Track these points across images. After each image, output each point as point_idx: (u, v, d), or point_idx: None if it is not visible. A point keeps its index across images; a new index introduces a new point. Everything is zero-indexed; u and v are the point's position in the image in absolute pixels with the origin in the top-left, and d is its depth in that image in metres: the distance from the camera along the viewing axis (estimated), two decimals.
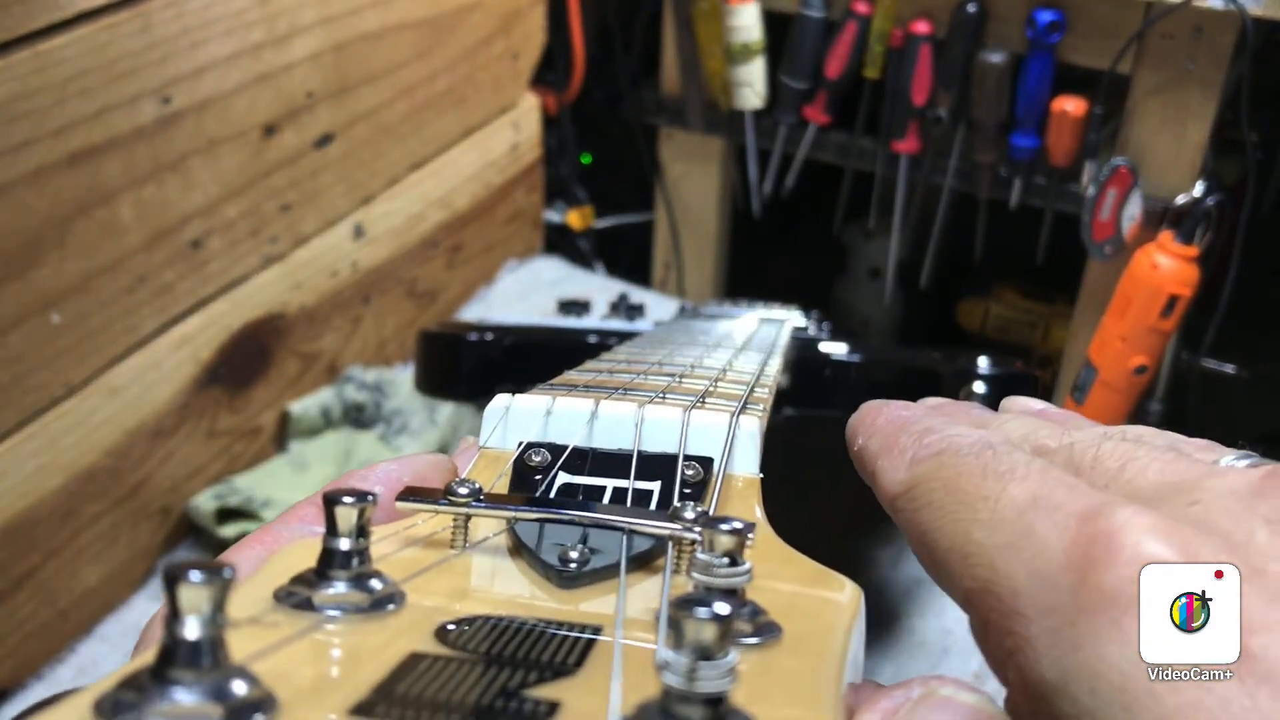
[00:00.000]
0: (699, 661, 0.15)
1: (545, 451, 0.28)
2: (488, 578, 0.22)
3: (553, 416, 0.29)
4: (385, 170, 0.88)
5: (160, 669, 0.15)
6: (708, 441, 0.28)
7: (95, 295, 0.65)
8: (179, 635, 0.15)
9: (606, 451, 0.28)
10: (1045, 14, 0.85)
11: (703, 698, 0.15)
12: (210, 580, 0.15)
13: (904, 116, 0.94)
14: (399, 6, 0.83)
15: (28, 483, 0.64)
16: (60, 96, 0.59)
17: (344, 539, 0.19)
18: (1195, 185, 0.86)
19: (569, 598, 0.21)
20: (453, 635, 0.19)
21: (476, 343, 0.61)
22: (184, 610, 0.15)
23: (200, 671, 0.15)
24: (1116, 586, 0.17)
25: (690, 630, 0.15)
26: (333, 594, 0.19)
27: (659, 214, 1.15)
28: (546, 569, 0.22)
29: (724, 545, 0.19)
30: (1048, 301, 1.13)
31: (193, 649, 0.15)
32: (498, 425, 0.29)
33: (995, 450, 0.22)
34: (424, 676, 0.17)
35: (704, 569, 0.19)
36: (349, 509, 0.19)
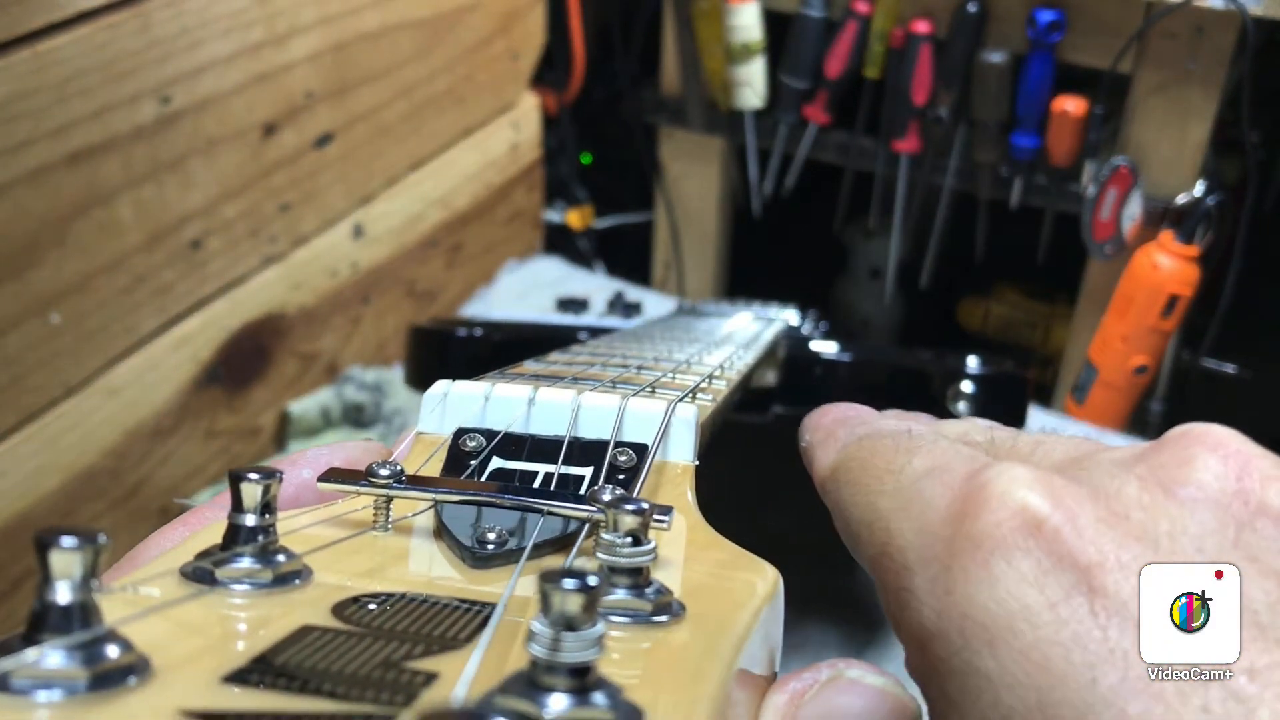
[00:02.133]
0: (563, 631, 0.15)
1: (480, 437, 0.28)
2: (401, 558, 0.22)
3: (490, 403, 0.28)
4: (385, 170, 0.88)
5: (30, 633, 0.15)
6: (643, 428, 0.27)
7: (94, 295, 0.65)
8: (49, 599, 0.15)
9: (542, 438, 0.28)
10: (1046, 13, 0.84)
11: (567, 667, 0.15)
12: (81, 545, 0.15)
13: (904, 116, 0.94)
14: (398, 6, 0.83)
15: (27, 483, 0.64)
16: (59, 96, 0.59)
17: (249, 515, 0.20)
18: (1196, 185, 0.86)
19: (478, 578, 0.22)
20: (350, 611, 0.19)
21: (465, 338, 0.61)
22: (55, 575, 0.15)
23: (69, 635, 0.15)
24: (984, 531, 0.18)
25: (556, 600, 0.15)
26: (235, 568, 0.19)
27: (659, 214, 1.15)
28: (461, 550, 0.22)
29: (627, 525, 0.19)
30: (1048, 301, 1.13)
31: (63, 613, 0.15)
32: (435, 411, 0.29)
33: (911, 432, 0.23)
34: (309, 648, 0.17)
35: (607, 549, 0.19)
36: (254, 485, 0.20)
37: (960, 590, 0.18)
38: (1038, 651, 0.17)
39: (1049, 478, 0.19)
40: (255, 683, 0.16)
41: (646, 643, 0.18)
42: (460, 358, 0.61)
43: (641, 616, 0.19)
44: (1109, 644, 0.17)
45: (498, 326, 0.63)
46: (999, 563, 0.18)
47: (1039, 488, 0.19)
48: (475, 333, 0.61)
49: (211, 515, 0.24)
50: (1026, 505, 0.18)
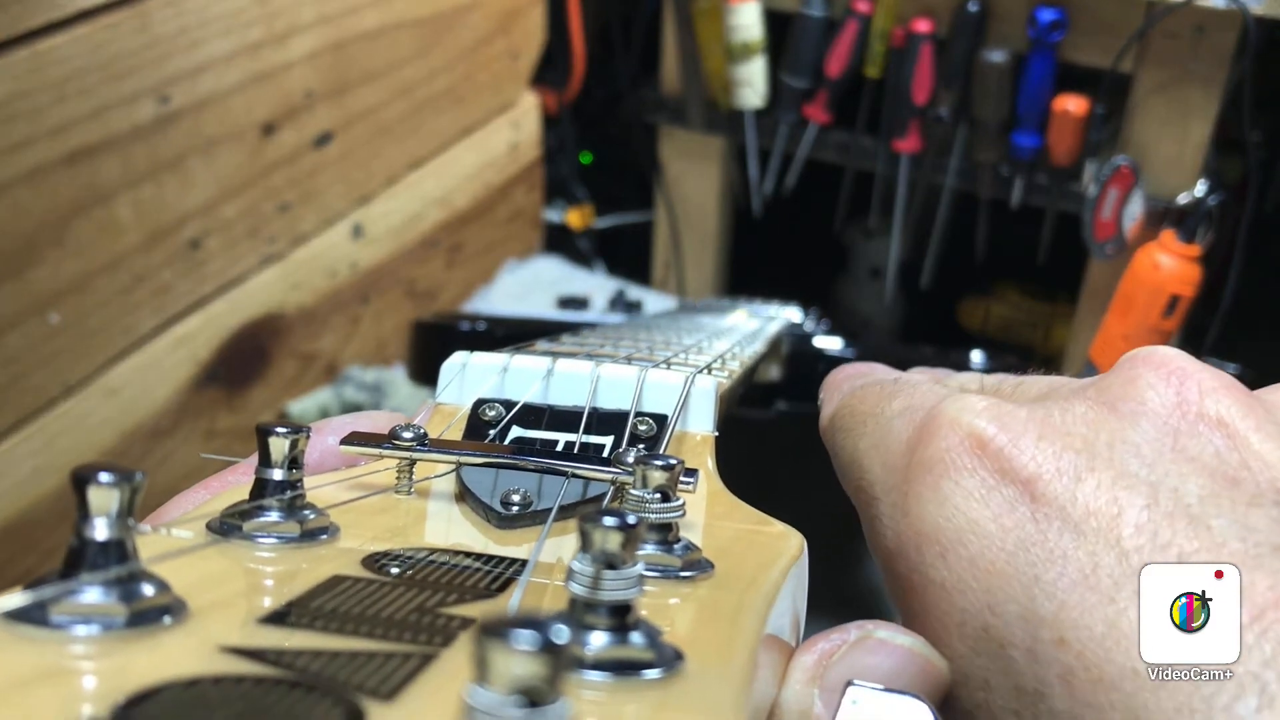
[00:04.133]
0: (604, 569, 0.15)
1: (499, 406, 0.28)
2: (425, 519, 0.23)
3: (509, 374, 0.29)
4: (384, 170, 0.88)
5: (67, 569, 0.15)
6: (663, 399, 0.28)
7: (93, 295, 0.65)
8: (86, 535, 0.15)
9: (562, 408, 0.28)
10: (1047, 13, 0.84)
11: (608, 605, 0.15)
12: (119, 482, 0.15)
13: (905, 115, 0.94)
14: (398, 6, 0.83)
15: (26, 484, 0.64)
16: (58, 95, 0.59)
17: (276, 469, 0.20)
18: (1197, 184, 0.86)
19: (503, 538, 0.22)
20: (380, 563, 0.19)
21: (469, 332, 0.61)
22: (92, 511, 0.15)
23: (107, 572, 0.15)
24: (934, 456, 0.20)
25: (596, 538, 0.15)
26: (262, 521, 0.19)
27: (659, 213, 1.15)
28: (486, 511, 0.22)
29: (656, 480, 0.19)
30: (1049, 301, 1.13)
31: (100, 549, 0.15)
32: (453, 381, 0.29)
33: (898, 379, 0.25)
34: (342, 595, 0.17)
35: (636, 504, 0.19)
36: (281, 439, 0.20)
37: (915, 511, 0.20)
38: (984, 558, 0.19)
39: (998, 405, 0.20)
40: (292, 623, 0.16)
41: (676, 598, 0.18)
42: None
43: (671, 571, 0.19)
44: (1048, 545, 0.18)
45: (501, 321, 0.63)
46: (947, 483, 0.20)
47: (986, 414, 0.20)
48: (479, 327, 0.61)
49: (234, 479, 0.24)
50: (973, 429, 0.20)
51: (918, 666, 0.18)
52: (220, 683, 0.13)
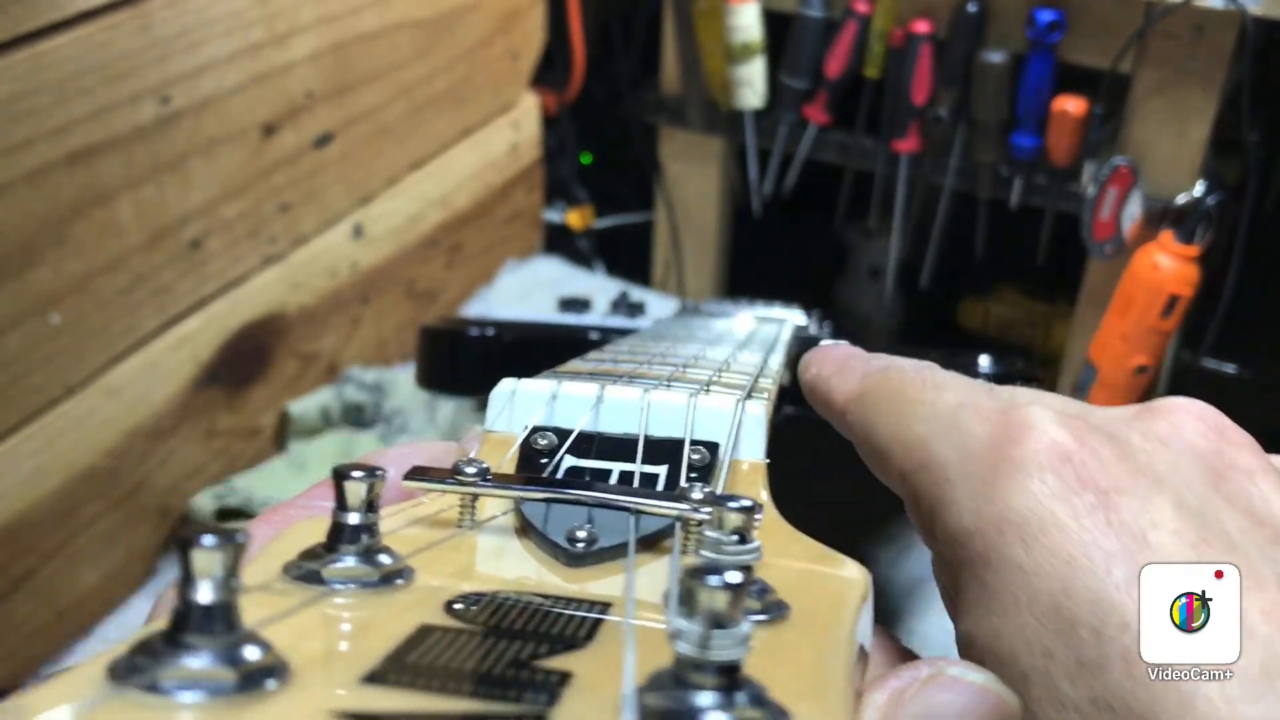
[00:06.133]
0: (713, 629, 0.14)
1: (551, 435, 0.27)
2: (495, 556, 0.22)
3: (558, 401, 0.28)
4: (385, 170, 0.88)
5: (173, 633, 0.15)
6: (713, 427, 0.27)
7: (94, 295, 0.65)
8: (192, 599, 0.15)
9: (612, 436, 0.28)
10: (1046, 13, 0.84)
11: (717, 666, 0.14)
12: (223, 544, 0.15)
13: (904, 116, 0.94)
14: (398, 6, 0.83)
15: (26, 484, 0.64)
16: (59, 96, 0.59)
17: (353, 513, 0.19)
18: (1196, 185, 0.86)
19: (576, 576, 0.21)
20: (461, 610, 0.19)
21: (478, 338, 0.61)
22: (197, 574, 0.15)
23: (213, 636, 0.15)
24: (1025, 456, 0.23)
25: (703, 598, 0.15)
26: (341, 568, 0.19)
27: (659, 214, 1.15)
28: (554, 548, 0.22)
29: (733, 522, 0.19)
30: (1048, 301, 1.13)
31: (205, 613, 0.15)
32: (503, 410, 0.28)
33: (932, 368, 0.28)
34: (434, 647, 0.17)
35: (713, 546, 0.19)
36: (358, 483, 0.19)
37: (1001, 500, 0.23)
38: (1063, 550, 0.22)
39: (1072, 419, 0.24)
40: (394, 682, 0.15)
41: (764, 644, 0.18)
42: (472, 357, 0.61)
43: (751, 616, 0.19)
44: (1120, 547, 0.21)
45: (509, 326, 0.63)
46: (1035, 481, 0.23)
47: (1067, 426, 0.24)
48: (487, 332, 0.61)
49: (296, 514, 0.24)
50: (1057, 439, 0.23)
51: (991, 703, 0.18)
52: None
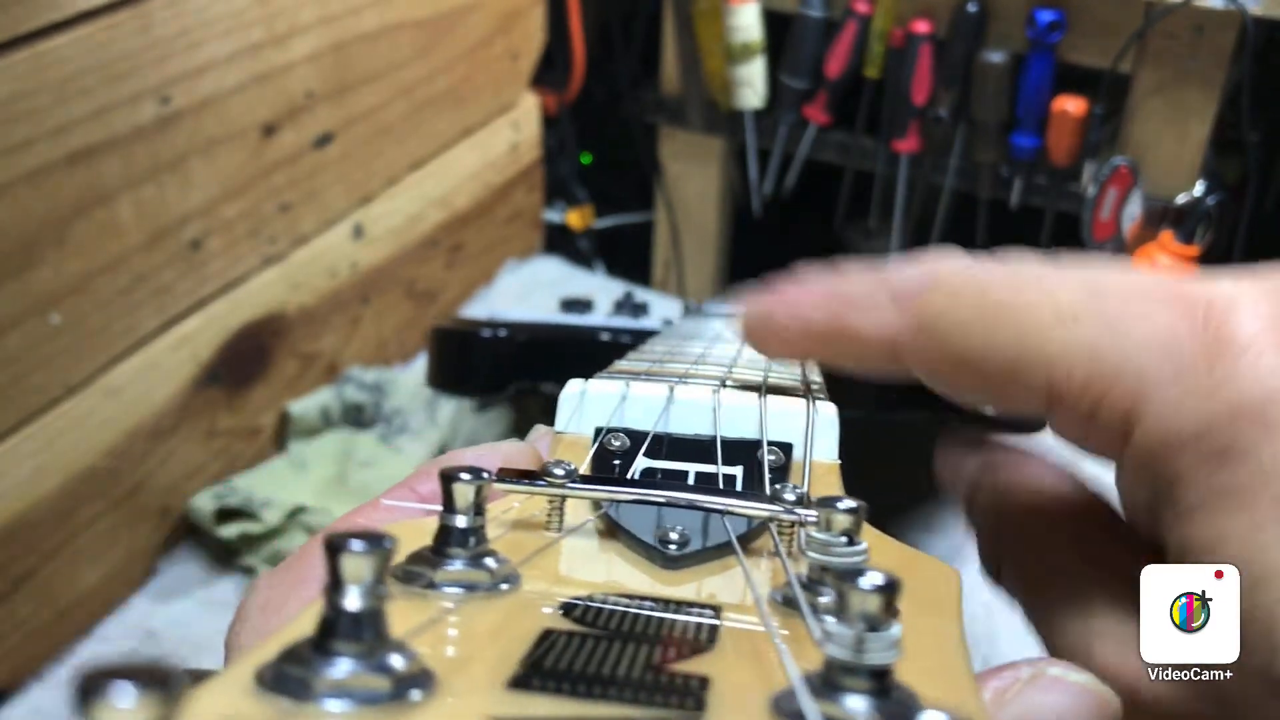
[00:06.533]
0: (867, 633, 0.14)
1: (624, 436, 0.27)
2: (589, 559, 0.22)
3: (628, 402, 0.28)
4: (385, 170, 0.88)
5: (322, 640, 0.14)
6: (786, 427, 0.27)
7: (94, 295, 0.65)
8: (341, 606, 0.14)
9: (684, 437, 0.27)
10: (1046, 13, 0.84)
11: (870, 669, 0.14)
12: (372, 550, 0.14)
13: (904, 116, 0.94)
14: (398, 6, 0.83)
15: (26, 484, 0.64)
16: (59, 96, 0.59)
17: (461, 516, 0.19)
18: (1196, 185, 0.86)
19: (674, 579, 0.21)
20: (578, 613, 0.18)
21: (491, 339, 0.61)
22: (346, 580, 0.14)
23: (362, 643, 0.14)
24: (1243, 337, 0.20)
25: (856, 601, 0.14)
26: (452, 571, 0.19)
27: (659, 214, 1.15)
28: (648, 550, 0.22)
29: (841, 524, 0.19)
30: None
31: (354, 620, 0.14)
32: (572, 410, 0.28)
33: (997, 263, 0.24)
34: (565, 652, 0.17)
35: (821, 548, 0.19)
36: (466, 485, 0.19)
37: (1230, 388, 0.20)
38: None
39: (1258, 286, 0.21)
40: (538, 688, 0.15)
41: None
42: (485, 358, 0.61)
43: None
44: None
45: (521, 327, 0.63)
46: (1267, 359, 0.20)
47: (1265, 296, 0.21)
48: (500, 333, 0.61)
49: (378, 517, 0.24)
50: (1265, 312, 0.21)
51: (1093, 703, 0.18)
52: None
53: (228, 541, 0.73)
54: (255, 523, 0.73)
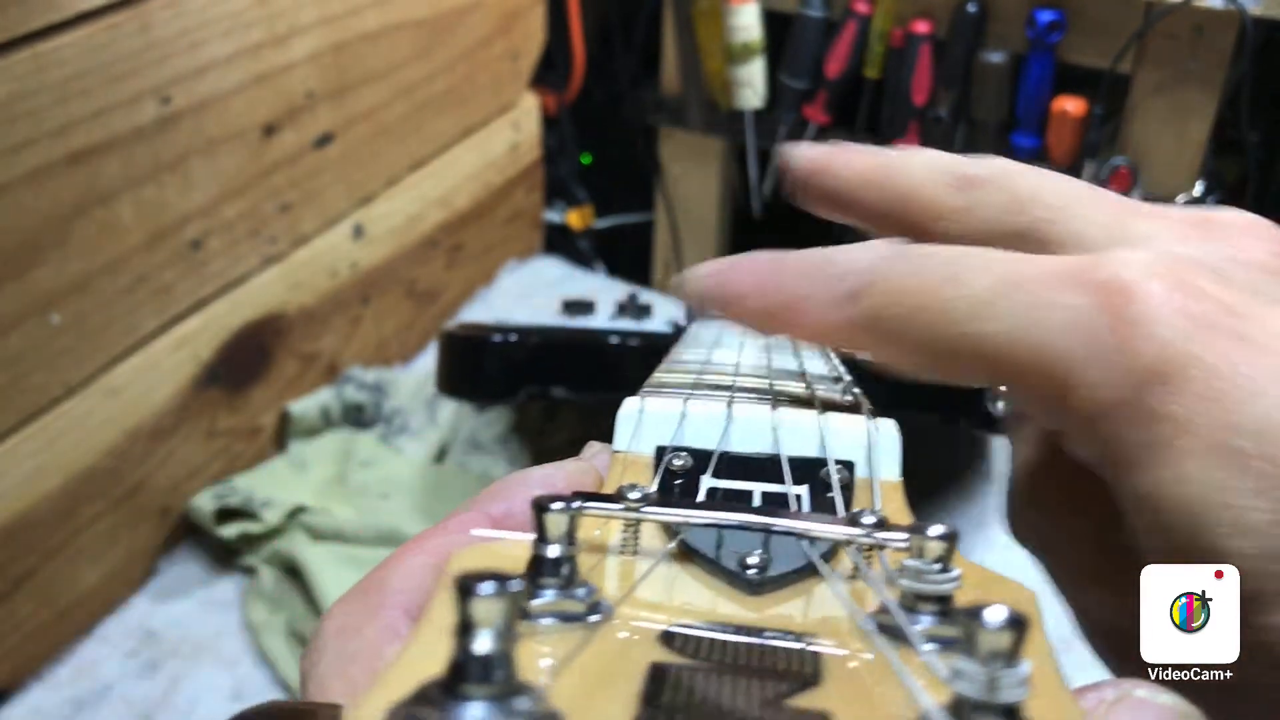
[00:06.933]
0: (1000, 671, 0.14)
1: (686, 455, 0.27)
2: (669, 585, 0.22)
3: (687, 420, 0.28)
4: (385, 170, 0.88)
5: (453, 683, 0.14)
6: (847, 444, 0.27)
7: (95, 295, 0.65)
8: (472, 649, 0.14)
9: (745, 455, 0.27)
10: (1045, 14, 0.84)
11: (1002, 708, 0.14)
12: (503, 592, 0.14)
13: (904, 116, 0.94)
14: (398, 6, 0.83)
15: (26, 483, 0.64)
16: (60, 96, 0.59)
17: (554, 545, 0.19)
18: (1195, 185, 0.86)
19: (759, 605, 0.21)
20: (679, 644, 0.18)
21: (502, 344, 0.61)
22: (477, 623, 0.14)
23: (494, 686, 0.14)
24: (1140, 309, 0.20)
25: (987, 640, 0.14)
26: (545, 603, 0.19)
27: (659, 214, 1.15)
28: (729, 576, 0.22)
29: (934, 551, 0.19)
30: None
31: (484, 663, 0.14)
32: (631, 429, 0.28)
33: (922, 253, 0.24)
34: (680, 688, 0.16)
35: (914, 575, 0.19)
36: (559, 515, 0.19)
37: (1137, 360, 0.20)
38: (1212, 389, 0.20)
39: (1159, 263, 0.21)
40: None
41: None
42: (496, 362, 0.61)
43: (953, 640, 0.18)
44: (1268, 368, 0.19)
45: (531, 331, 0.63)
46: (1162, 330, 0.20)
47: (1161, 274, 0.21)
48: (510, 338, 0.61)
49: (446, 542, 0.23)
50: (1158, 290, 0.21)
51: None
52: None
53: (228, 541, 0.73)
54: (255, 523, 0.73)
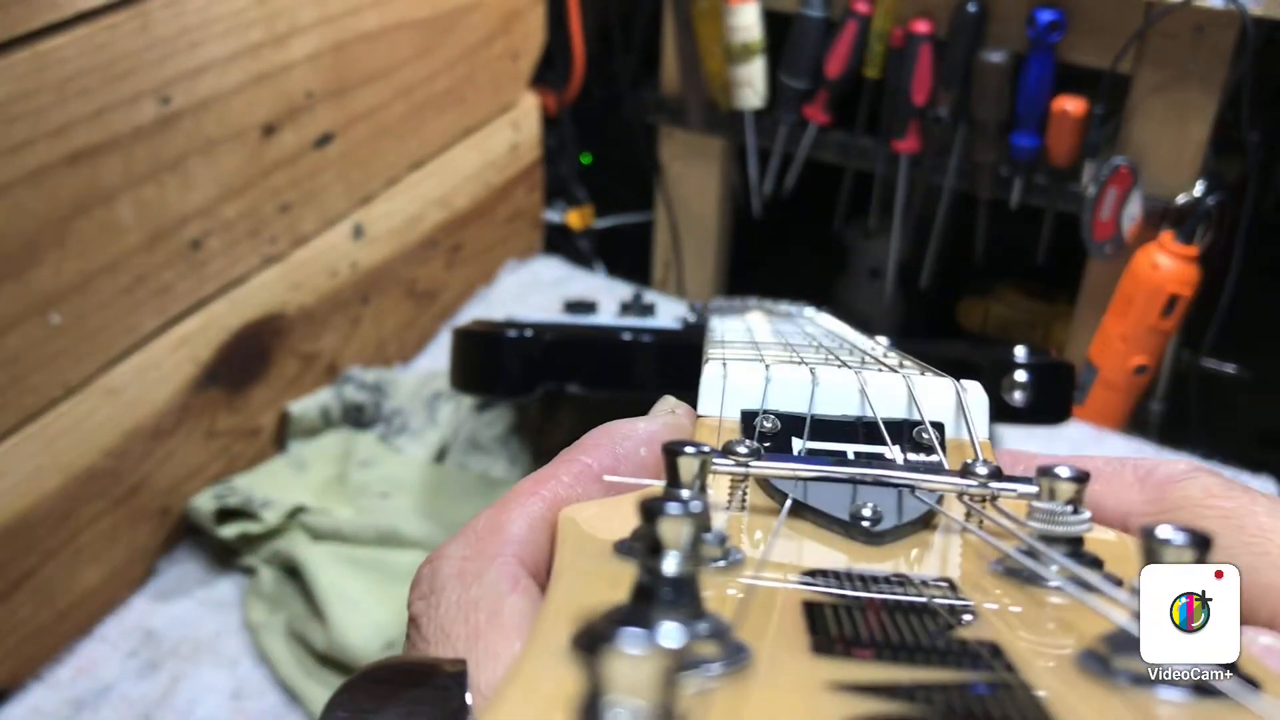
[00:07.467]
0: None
1: (775, 419, 0.27)
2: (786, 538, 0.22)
3: (772, 384, 0.28)
4: (385, 170, 0.88)
5: (639, 607, 0.14)
6: (936, 406, 0.27)
7: (94, 295, 0.65)
8: (660, 570, 0.14)
9: (833, 418, 0.27)
10: (1045, 13, 0.84)
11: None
12: (690, 513, 0.14)
13: (904, 116, 0.94)
14: (398, 6, 0.83)
15: (26, 484, 0.64)
16: (59, 96, 0.59)
17: (686, 490, 0.19)
18: (1196, 185, 0.86)
19: (880, 555, 0.21)
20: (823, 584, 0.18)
21: (517, 340, 0.60)
22: (666, 544, 0.14)
23: (684, 609, 0.14)
24: None
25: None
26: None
27: (659, 214, 1.15)
28: (846, 528, 0.22)
29: (1066, 493, 0.20)
30: (1048, 301, 1.13)
31: (674, 586, 0.14)
32: (714, 393, 0.28)
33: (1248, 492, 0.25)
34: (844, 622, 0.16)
35: (1047, 518, 0.20)
36: (691, 459, 0.19)
37: None
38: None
39: None
40: (844, 654, 0.15)
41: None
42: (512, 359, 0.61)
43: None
44: None
45: (545, 327, 0.63)
46: None
47: None
48: (525, 334, 0.61)
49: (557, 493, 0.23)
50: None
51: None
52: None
53: (228, 541, 0.73)
54: (255, 523, 0.73)
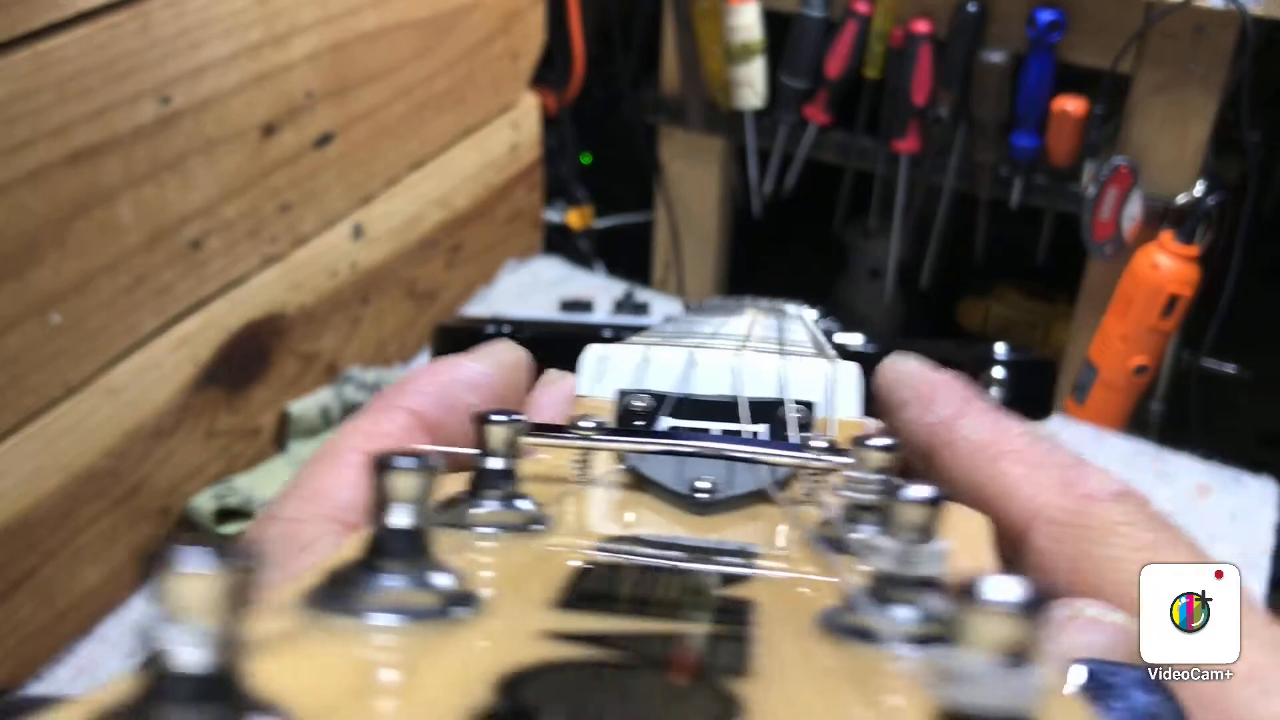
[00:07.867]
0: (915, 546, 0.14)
1: (647, 397, 0.28)
2: (619, 508, 0.23)
3: (649, 365, 0.28)
4: (385, 170, 0.88)
5: (369, 559, 0.14)
6: (808, 386, 0.28)
7: (94, 295, 0.65)
8: (388, 524, 0.14)
9: (706, 398, 0.28)
10: (1046, 13, 0.84)
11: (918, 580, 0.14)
12: (420, 468, 0.14)
13: (904, 116, 0.94)
14: (398, 6, 0.83)
15: (26, 484, 0.64)
16: (60, 96, 0.59)
17: (495, 458, 0.19)
18: (1196, 185, 0.86)
19: (705, 525, 0.22)
20: (614, 549, 0.19)
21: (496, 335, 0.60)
22: (394, 498, 0.14)
23: (409, 560, 0.14)
24: None
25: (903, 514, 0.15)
26: (486, 513, 0.19)
27: (659, 214, 1.15)
28: (679, 499, 0.22)
29: (877, 461, 0.19)
30: (1048, 301, 1.13)
31: (402, 538, 0.14)
32: (593, 374, 0.29)
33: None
34: (608, 580, 0.17)
35: (858, 486, 0.19)
36: (500, 427, 0.19)
37: None
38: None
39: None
40: (585, 608, 0.15)
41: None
42: None
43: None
44: None
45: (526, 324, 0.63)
46: None
47: None
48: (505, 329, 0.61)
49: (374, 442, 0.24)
50: None
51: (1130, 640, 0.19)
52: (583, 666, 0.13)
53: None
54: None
